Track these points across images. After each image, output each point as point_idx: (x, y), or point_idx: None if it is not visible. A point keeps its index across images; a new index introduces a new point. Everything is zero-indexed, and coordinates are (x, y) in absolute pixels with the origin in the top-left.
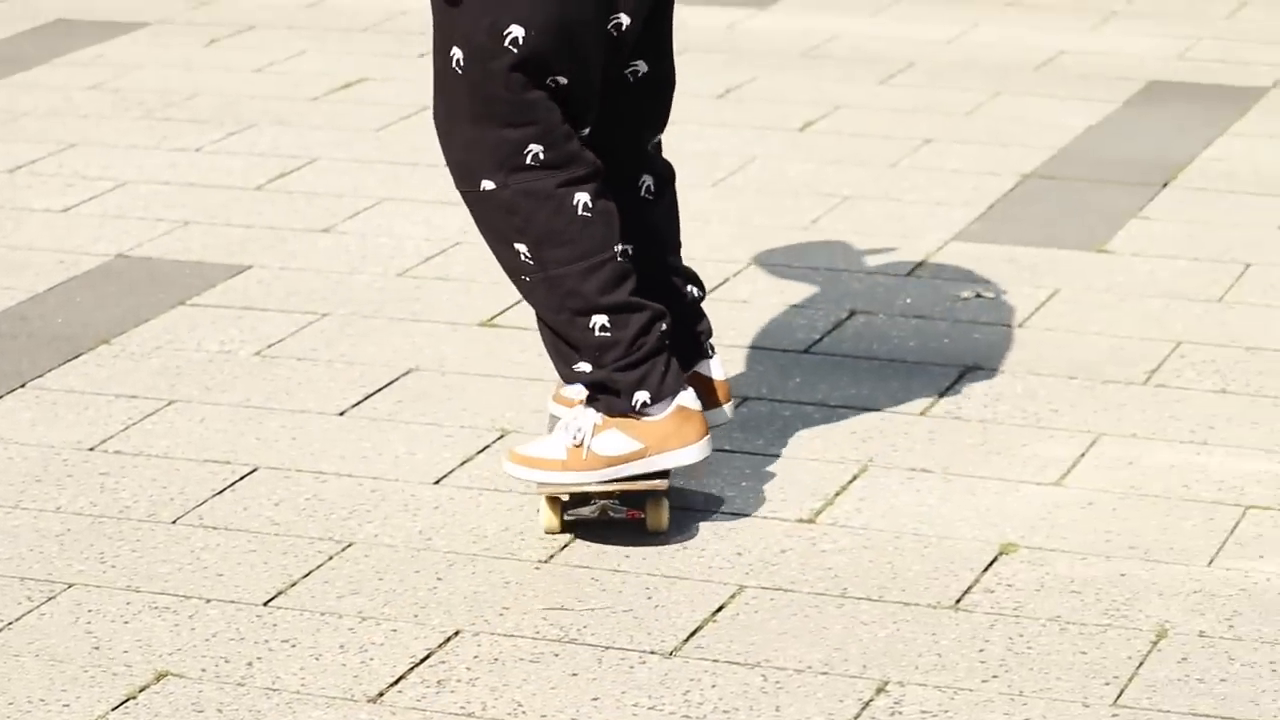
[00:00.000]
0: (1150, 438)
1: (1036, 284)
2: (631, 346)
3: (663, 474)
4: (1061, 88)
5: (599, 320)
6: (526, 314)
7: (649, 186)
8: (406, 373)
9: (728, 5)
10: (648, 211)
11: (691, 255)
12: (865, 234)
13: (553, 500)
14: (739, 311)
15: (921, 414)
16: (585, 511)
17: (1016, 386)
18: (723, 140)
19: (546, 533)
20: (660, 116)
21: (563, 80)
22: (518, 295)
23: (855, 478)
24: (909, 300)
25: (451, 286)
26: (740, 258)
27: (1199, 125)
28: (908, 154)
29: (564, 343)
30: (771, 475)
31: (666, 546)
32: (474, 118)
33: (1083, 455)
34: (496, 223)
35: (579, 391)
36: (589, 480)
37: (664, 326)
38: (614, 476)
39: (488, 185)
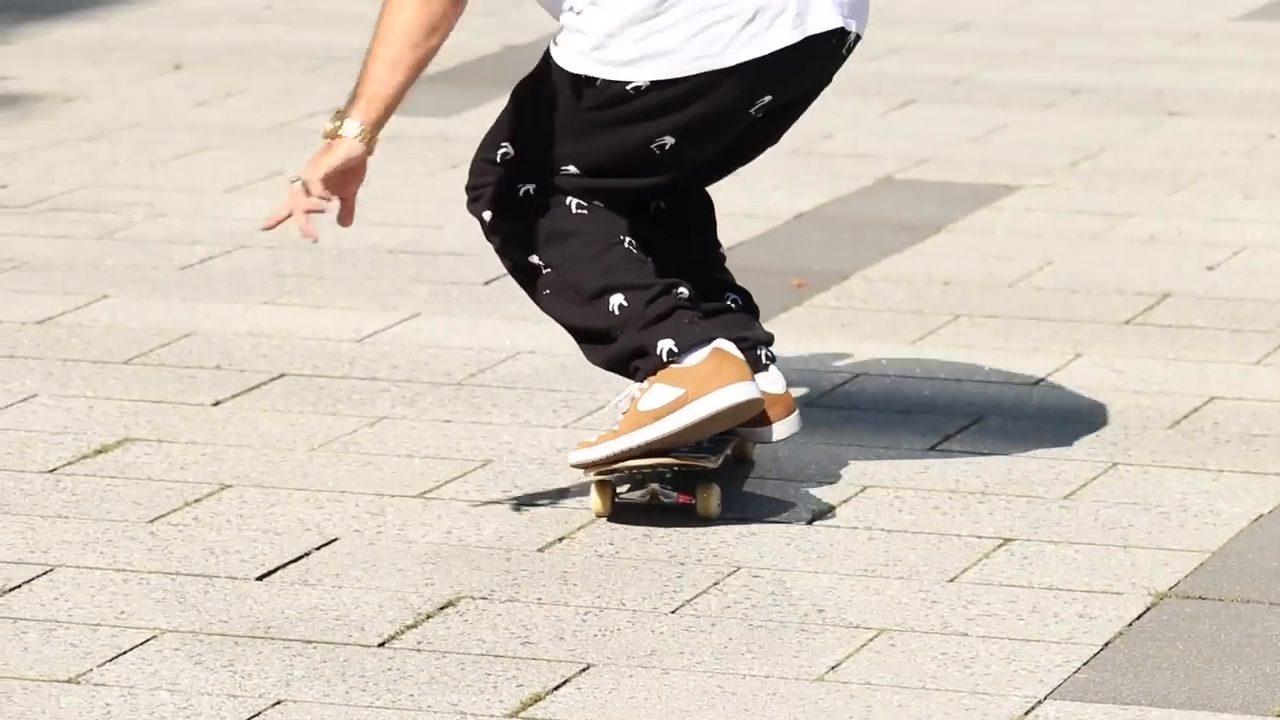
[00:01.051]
0: None
1: None
2: (648, 308)
3: (711, 452)
4: (1214, 455)
5: (616, 300)
6: None
7: (658, 205)
8: None
9: None
10: (660, 228)
11: None
12: (910, 687)
13: (602, 484)
14: None
15: None
16: (635, 495)
17: None
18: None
19: (597, 516)
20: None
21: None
22: None
23: None
24: None
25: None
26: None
27: None
28: (976, 561)
29: (592, 336)
30: None
31: None
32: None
33: None
34: (511, 233)
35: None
36: (634, 443)
37: (682, 290)
38: (662, 432)
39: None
